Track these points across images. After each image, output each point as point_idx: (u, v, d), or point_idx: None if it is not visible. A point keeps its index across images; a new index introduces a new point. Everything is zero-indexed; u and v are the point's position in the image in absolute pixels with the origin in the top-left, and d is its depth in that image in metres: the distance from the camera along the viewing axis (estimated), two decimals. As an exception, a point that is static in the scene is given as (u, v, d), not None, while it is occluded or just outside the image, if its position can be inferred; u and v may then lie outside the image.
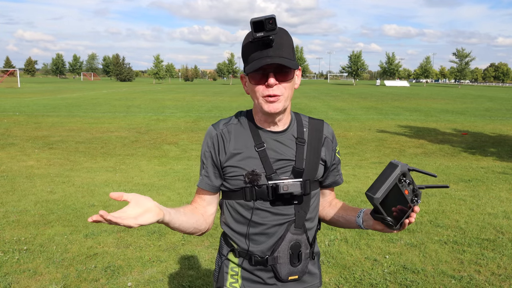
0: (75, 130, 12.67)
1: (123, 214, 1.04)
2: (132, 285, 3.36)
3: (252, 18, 1.16)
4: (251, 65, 1.23)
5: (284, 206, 1.33)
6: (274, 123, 1.35)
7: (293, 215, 1.34)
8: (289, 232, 1.34)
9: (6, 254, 3.87)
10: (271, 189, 1.30)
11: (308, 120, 1.43)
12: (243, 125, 1.38)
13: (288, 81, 1.27)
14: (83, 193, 5.91)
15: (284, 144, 1.35)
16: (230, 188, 1.36)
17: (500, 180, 6.88)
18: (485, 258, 3.83)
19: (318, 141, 1.39)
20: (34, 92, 36.41)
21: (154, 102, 25.76)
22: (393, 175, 1.12)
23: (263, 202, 1.33)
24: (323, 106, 23.88)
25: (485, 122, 16.03)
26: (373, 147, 10.37)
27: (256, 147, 1.33)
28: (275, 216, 1.34)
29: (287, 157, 1.34)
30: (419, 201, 1.17)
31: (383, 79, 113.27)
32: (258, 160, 1.32)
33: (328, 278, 3.48)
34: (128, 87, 53.38)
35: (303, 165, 1.34)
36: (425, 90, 56.40)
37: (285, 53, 1.23)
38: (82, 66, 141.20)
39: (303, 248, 1.37)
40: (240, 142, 1.35)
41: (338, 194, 5.70)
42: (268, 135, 1.35)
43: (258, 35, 1.17)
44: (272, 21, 1.16)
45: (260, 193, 1.31)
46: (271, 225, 1.34)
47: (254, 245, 1.36)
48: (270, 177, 1.31)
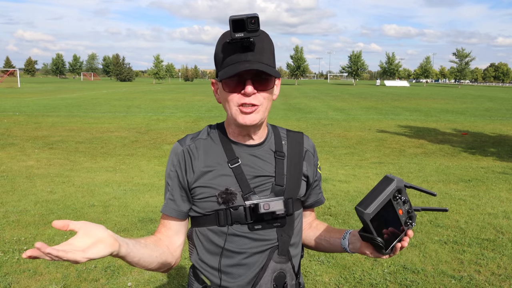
0: (75, 130, 12.67)
1: (68, 246, 0.86)
2: (132, 285, 3.36)
3: (232, 16, 1.01)
4: (227, 70, 1.07)
5: (264, 230, 1.15)
6: (249, 136, 1.18)
7: (275, 240, 1.16)
8: (272, 260, 1.16)
9: (6, 254, 3.87)
10: (249, 210, 1.12)
11: (286, 133, 1.28)
12: (214, 139, 1.21)
13: (267, 90, 1.11)
14: (83, 193, 5.91)
15: (261, 159, 1.18)
16: (201, 213, 1.17)
17: (500, 180, 6.89)
18: (485, 258, 3.83)
19: (299, 154, 1.24)
20: (34, 92, 36.42)
21: (154, 102, 25.76)
22: (388, 190, 0.99)
23: (240, 226, 1.14)
24: (323, 106, 23.88)
25: (485, 122, 16.03)
26: (373, 147, 10.37)
27: (229, 163, 1.15)
28: (255, 242, 1.15)
29: (265, 173, 1.17)
30: (413, 225, 1.05)
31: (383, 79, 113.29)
32: (233, 178, 1.14)
33: (328, 278, 3.48)
34: (128, 87, 53.38)
35: (284, 182, 1.18)
36: (425, 90, 56.40)
37: (266, 59, 1.09)
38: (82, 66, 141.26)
39: (289, 279, 1.19)
40: (210, 158, 1.18)
41: (337, 194, 5.70)
42: (243, 149, 1.18)
43: (238, 35, 1.01)
44: (255, 20, 1.01)
45: (237, 216, 1.12)
46: (251, 253, 1.15)
47: (231, 280, 1.16)
48: (247, 197, 1.13)
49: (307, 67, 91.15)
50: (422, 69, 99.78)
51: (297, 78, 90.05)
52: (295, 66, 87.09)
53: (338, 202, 5.42)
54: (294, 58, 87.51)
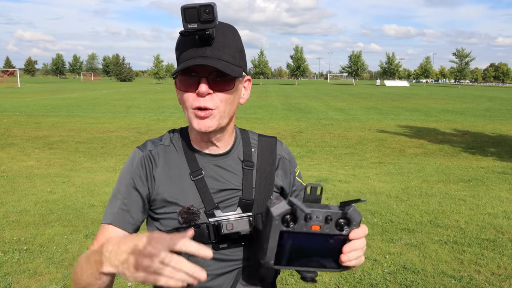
0: (75, 130, 12.67)
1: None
2: (132, 285, 3.36)
3: (184, 5, 0.89)
4: (180, 65, 0.95)
5: (231, 250, 1.03)
6: (212, 143, 1.06)
7: (241, 261, 1.05)
8: (239, 283, 1.04)
9: (6, 254, 3.87)
10: (213, 228, 1.00)
11: (257, 139, 1.15)
12: (177, 147, 1.08)
13: (226, 91, 0.97)
14: (83, 193, 5.91)
15: (227, 170, 1.07)
16: (161, 229, 1.04)
17: (500, 180, 6.89)
18: (485, 258, 3.83)
19: (271, 163, 1.11)
20: (34, 92, 36.42)
21: (154, 102, 25.76)
22: (270, 225, 0.80)
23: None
24: (323, 106, 23.88)
25: (485, 122, 16.03)
26: (373, 147, 10.37)
27: (192, 175, 1.04)
28: (221, 263, 1.03)
29: (231, 186, 1.05)
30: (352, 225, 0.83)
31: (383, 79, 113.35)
32: (196, 192, 1.02)
33: (328, 278, 3.48)
34: (128, 87, 53.39)
35: (253, 195, 1.06)
36: (425, 90, 56.41)
37: (226, 55, 0.95)
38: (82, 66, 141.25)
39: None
40: (172, 169, 1.05)
41: (338, 194, 5.70)
42: (206, 159, 1.06)
43: (191, 26, 0.89)
44: (209, 10, 0.87)
45: (199, 235, 0.99)
46: (215, 275, 1.03)
47: None
48: (211, 213, 1.01)
49: (307, 67, 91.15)
50: (422, 69, 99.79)
51: (297, 78, 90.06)
52: (295, 66, 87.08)
53: (338, 202, 5.40)
54: (294, 58, 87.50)
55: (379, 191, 6.13)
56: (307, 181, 6.13)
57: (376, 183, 6.66)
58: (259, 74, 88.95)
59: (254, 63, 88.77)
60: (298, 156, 9.24)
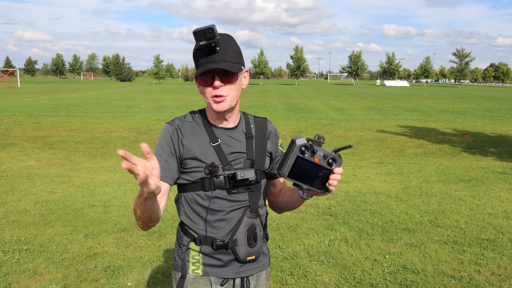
0: (75, 130, 12.67)
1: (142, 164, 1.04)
2: (132, 285, 3.36)
3: (194, 29, 1.30)
4: (199, 69, 1.36)
5: (239, 194, 1.46)
6: (225, 120, 1.48)
7: (247, 201, 1.48)
8: (245, 216, 1.47)
9: (6, 254, 3.87)
10: (228, 178, 1.43)
11: (253, 119, 1.59)
12: (198, 122, 1.50)
13: (232, 83, 1.40)
14: (83, 193, 5.91)
15: (236, 139, 1.49)
16: (190, 180, 1.45)
17: (500, 180, 6.88)
18: (485, 258, 3.83)
19: (264, 135, 1.55)
20: (34, 92, 36.41)
21: (154, 102, 25.75)
22: (292, 150, 1.20)
23: (221, 191, 1.44)
24: (323, 106, 23.87)
25: (485, 122, 16.03)
26: (373, 147, 10.37)
27: (211, 142, 1.45)
28: (232, 203, 1.46)
29: (239, 150, 1.48)
30: (336, 164, 1.26)
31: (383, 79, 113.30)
32: (214, 154, 1.44)
33: (328, 278, 3.48)
34: (128, 87, 53.37)
35: (254, 156, 1.49)
36: (425, 90, 56.39)
37: (229, 58, 1.37)
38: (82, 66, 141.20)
39: (258, 230, 1.51)
40: (196, 138, 1.46)
41: (338, 195, 5.70)
42: (221, 131, 1.48)
43: (201, 43, 1.31)
44: (211, 30, 1.29)
45: (218, 183, 1.43)
46: (229, 211, 1.46)
47: (215, 231, 1.46)
48: (226, 168, 1.44)
49: (307, 67, 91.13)
50: (422, 69, 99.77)
51: (297, 78, 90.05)
52: (295, 66, 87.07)
53: (338, 202, 5.42)
54: (294, 58, 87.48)
55: (379, 191, 6.13)
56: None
57: (376, 183, 6.66)
58: (259, 74, 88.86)
59: (254, 63, 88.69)
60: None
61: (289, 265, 3.70)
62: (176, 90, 45.83)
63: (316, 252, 3.96)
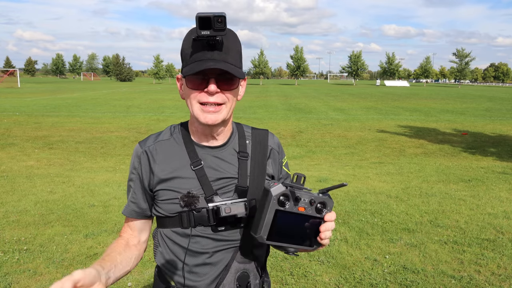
0: (75, 130, 12.67)
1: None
2: (132, 285, 3.36)
3: (199, 13, 1.00)
4: (191, 66, 1.06)
5: (228, 231, 1.17)
6: (212, 136, 1.18)
7: (238, 241, 1.18)
8: (235, 260, 1.18)
9: (6, 254, 3.87)
10: (212, 212, 1.13)
11: (251, 131, 1.27)
12: (177, 140, 1.20)
13: (231, 90, 1.11)
14: (83, 193, 5.91)
15: (225, 160, 1.19)
16: (164, 214, 1.18)
17: (500, 180, 6.88)
18: (485, 258, 3.83)
19: (263, 154, 1.23)
20: (34, 92, 36.41)
21: (154, 102, 25.76)
22: (267, 203, 0.95)
23: (204, 228, 1.15)
24: (323, 106, 23.88)
25: (485, 122, 16.03)
26: (373, 147, 10.37)
27: (192, 166, 1.15)
28: (218, 242, 1.17)
29: (228, 175, 1.17)
30: (327, 209, 1.01)
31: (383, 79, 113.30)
32: (196, 181, 1.15)
33: (328, 278, 3.48)
34: (128, 87, 53.38)
35: (247, 183, 1.18)
36: (425, 90, 56.40)
37: (231, 59, 1.08)
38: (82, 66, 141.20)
39: (252, 278, 1.20)
40: (173, 161, 1.17)
41: (338, 195, 5.70)
42: (206, 151, 1.18)
43: (204, 33, 1.00)
44: (222, 19, 0.99)
45: (200, 218, 1.14)
46: (213, 252, 1.17)
47: (196, 278, 1.17)
48: (210, 199, 1.14)
49: (307, 67, 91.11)
50: (422, 69, 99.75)
51: (297, 78, 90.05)
52: (295, 66, 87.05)
53: (338, 202, 5.42)
54: (294, 58, 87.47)
55: (379, 191, 6.13)
56: (309, 180, 6.13)
57: (376, 183, 6.66)
58: (259, 74, 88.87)
59: (254, 63, 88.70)
60: (298, 156, 9.25)
61: (289, 265, 3.70)
62: (176, 90, 45.83)
63: (316, 252, 3.96)
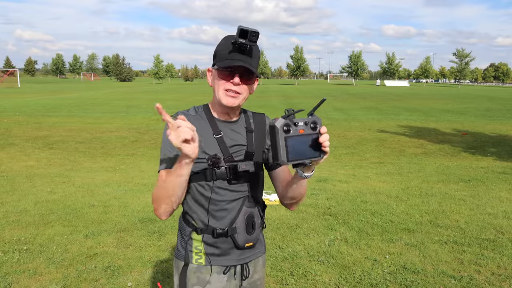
0: (75, 130, 12.67)
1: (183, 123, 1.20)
2: (132, 285, 3.36)
3: (241, 25, 1.37)
4: (226, 62, 1.43)
5: (239, 184, 1.54)
6: (228, 115, 1.57)
7: (246, 192, 1.56)
8: (244, 206, 1.56)
9: (6, 254, 3.87)
10: (229, 169, 1.50)
11: (252, 114, 1.67)
12: (201, 116, 1.56)
13: (249, 84, 1.51)
14: (83, 193, 5.91)
15: (237, 132, 1.57)
16: (193, 171, 1.47)
17: (500, 180, 6.88)
18: (485, 258, 3.83)
19: (263, 130, 1.63)
20: (34, 92, 36.41)
21: (154, 102, 25.58)
22: (277, 135, 1.20)
23: (222, 181, 1.51)
24: (323, 106, 23.88)
25: (485, 122, 16.03)
26: (373, 147, 10.38)
27: (214, 134, 1.52)
28: (232, 193, 1.54)
29: (240, 143, 1.56)
30: (319, 125, 1.30)
31: (383, 79, 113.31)
32: (217, 146, 1.51)
33: (328, 278, 3.48)
34: (128, 87, 53.36)
35: (253, 149, 1.57)
36: (425, 90, 56.40)
37: (254, 63, 1.47)
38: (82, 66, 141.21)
39: (256, 218, 1.60)
40: (199, 130, 1.45)
41: (338, 194, 5.70)
42: (224, 125, 1.56)
43: (241, 40, 1.38)
44: (256, 34, 1.39)
45: (220, 174, 1.50)
46: (229, 200, 1.54)
47: (216, 221, 1.54)
48: (227, 160, 1.51)
49: (307, 67, 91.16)
50: (422, 69, 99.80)
51: (297, 78, 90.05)
52: (295, 66, 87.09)
53: (338, 202, 5.42)
54: (294, 58, 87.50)
55: (379, 191, 6.13)
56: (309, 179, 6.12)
57: (376, 183, 6.66)
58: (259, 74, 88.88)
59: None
60: (298, 156, 9.24)
61: (289, 265, 3.70)
62: (176, 90, 45.83)
63: (316, 252, 3.96)
